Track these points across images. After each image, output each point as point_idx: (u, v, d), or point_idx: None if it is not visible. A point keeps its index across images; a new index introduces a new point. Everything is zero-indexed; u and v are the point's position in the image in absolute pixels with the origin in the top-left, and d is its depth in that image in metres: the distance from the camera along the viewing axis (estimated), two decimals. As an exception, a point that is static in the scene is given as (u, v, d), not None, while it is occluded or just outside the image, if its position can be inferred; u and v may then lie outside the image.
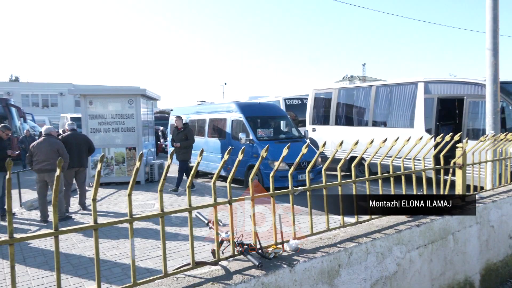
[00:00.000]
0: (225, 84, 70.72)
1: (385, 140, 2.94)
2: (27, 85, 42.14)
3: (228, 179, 2.32)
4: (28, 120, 20.53)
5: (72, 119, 15.80)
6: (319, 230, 2.75)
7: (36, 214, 6.76)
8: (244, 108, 10.05)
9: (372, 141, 2.80)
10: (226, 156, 2.25)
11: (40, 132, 18.11)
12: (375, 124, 10.38)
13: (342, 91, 11.59)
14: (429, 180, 3.52)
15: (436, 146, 3.59)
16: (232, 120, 9.95)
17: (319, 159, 9.93)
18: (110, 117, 9.94)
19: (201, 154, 2.16)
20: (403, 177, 3.19)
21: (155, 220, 6.29)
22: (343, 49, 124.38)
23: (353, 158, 9.31)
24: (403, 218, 3.04)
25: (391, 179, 3.10)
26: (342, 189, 2.84)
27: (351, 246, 2.52)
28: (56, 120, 28.66)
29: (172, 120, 13.77)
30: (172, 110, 14.52)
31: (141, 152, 2.12)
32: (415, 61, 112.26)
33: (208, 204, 2.26)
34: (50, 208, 6.90)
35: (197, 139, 10.79)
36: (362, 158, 3.37)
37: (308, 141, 10.04)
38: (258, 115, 10.07)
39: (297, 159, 2.52)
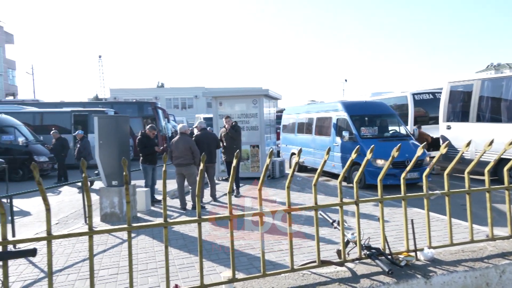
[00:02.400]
0: (346, 81, 68.50)
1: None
2: (169, 90, 48.86)
3: (339, 178, 2.25)
4: (171, 121, 23.78)
5: (205, 119, 17.59)
6: (459, 241, 2.43)
7: (177, 202, 7.75)
8: (349, 106, 10.40)
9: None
10: (326, 156, 2.19)
11: (176, 130, 20.49)
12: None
13: (487, 82, 10.00)
14: None
15: None
16: (337, 119, 10.40)
17: (427, 159, 9.61)
18: (237, 116, 10.72)
19: (299, 154, 2.16)
20: None
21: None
22: (484, 34, 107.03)
23: (503, 160, 7.98)
24: None
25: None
26: (491, 196, 2.44)
27: (504, 263, 2.15)
28: (191, 120, 32.47)
29: (283, 119, 14.28)
30: (284, 109, 14.89)
31: (271, 149, 2.22)
32: None
33: (334, 203, 2.23)
34: (188, 198, 7.85)
35: (304, 136, 12.15)
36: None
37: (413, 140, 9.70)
38: (363, 113, 10.26)
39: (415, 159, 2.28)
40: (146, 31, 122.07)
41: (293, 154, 13.17)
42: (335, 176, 11.04)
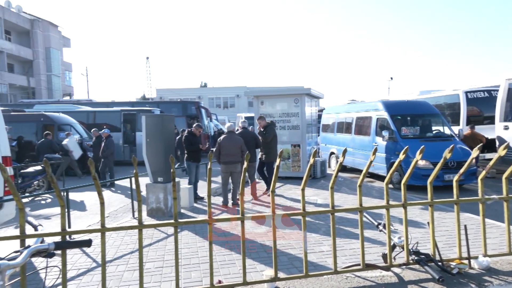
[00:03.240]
0: (391, 79, 65.74)
1: None
2: (212, 89, 49.91)
3: (386, 180, 2.16)
4: (213, 120, 24.29)
5: (246, 118, 17.77)
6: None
7: (218, 200, 7.89)
8: (390, 106, 10.20)
9: None
10: (372, 157, 2.11)
11: (219, 129, 20.92)
12: None
13: (550, 79, 9.19)
14: None
15: None
16: (377, 118, 10.24)
17: (474, 161, 8.93)
18: (278, 115, 10.73)
19: (343, 155, 2.09)
20: None
21: (317, 216, 6.44)
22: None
23: None
24: None
25: None
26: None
27: None
28: (233, 119, 32.94)
29: (323, 118, 14.08)
30: (324, 109, 14.68)
31: (315, 149, 2.20)
32: None
33: (380, 205, 2.15)
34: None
35: (344, 136, 12.11)
36: None
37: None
38: (404, 113, 10.04)
39: (469, 161, 2.13)
40: (190, 33, 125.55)
41: (332, 153, 12.97)
42: (373, 176, 10.80)
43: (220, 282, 1.97)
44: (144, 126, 7.08)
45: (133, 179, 6.96)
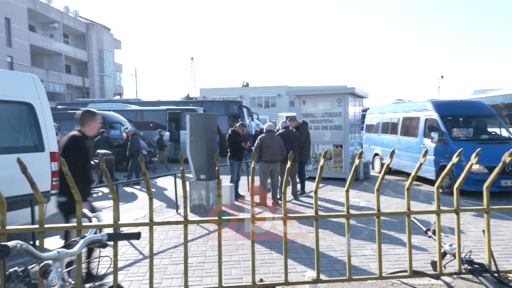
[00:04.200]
0: (442, 77, 62.11)
1: None
2: (254, 89, 50.28)
3: (437, 184, 2.04)
4: (254, 119, 24.46)
5: (287, 117, 17.69)
6: None
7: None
8: (440, 106, 9.69)
9: None
10: (422, 159, 1.99)
11: (261, 129, 20.96)
12: None
13: None
14: None
15: None
16: (426, 119, 9.77)
17: None
18: (320, 115, 10.58)
19: (391, 156, 1.99)
20: None
21: (359, 219, 6.27)
22: None
23: None
24: None
25: None
26: None
27: None
28: (274, 118, 32.97)
29: (367, 119, 13.63)
30: (368, 108, 14.21)
31: (360, 150, 2.14)
32: None
33: (429, 210, 2.05)
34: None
35: (389, 137, 11.68)
36: None
37: None
38: (456, 113, 9.49)
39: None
40: (233, 34, 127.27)
41: (376, 155, 12.56)
42: (420, 179, 10.33)
43: (261, 280, 1.98)
44: (188, 124, 7.29)
45: (178, 175, 7.14)
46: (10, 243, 1.36)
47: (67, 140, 3.68)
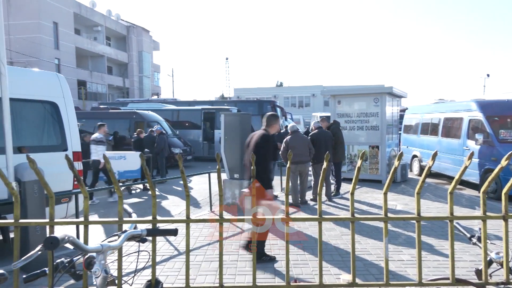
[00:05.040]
0: (488, 76, 58.50)
1: None
2: (288, 88, 50.10)
3: (483, 188, 1.92)
4: (288, 119, 24.35)
5: (321, 117, 17.46)
6: None
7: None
8: (485, 106, 9.21)
9: None
10: (467, 162, 1.87)
11: (286, 127, 20.83)
12: None
13: None
14: None
15: None
16: (470, 120, 9.34)
17: None
18: (356, 115, 10.35)
19: (433, 158, 1.89)
20: None
21: (396, 222, 6.07)
22: None
23: None
24: None
25: None
26: None
27: None
28: (308, 118, 32.68)
29: (405, 119, 13.12)
30: (407, 109, 13.70)
31: (400, 151, 2.06)
32: None
33: (475, 215, 1.94)
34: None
35: (429, 138, 11.28)
36: None
37: None
38: (503, 114, 8.96)
39: None
40: (267, 34, 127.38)
41: (414, 156, 12.09)
42: (462, 183, 9.85)
43: (296, 281, 1.96)
44: (222, 124, 7.39)
45: (211, 174, 7.26)
46: (59, 235, 1.45)
47: (260, 137, 4.41)
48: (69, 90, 5.61)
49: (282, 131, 16.57)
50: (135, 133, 12.25)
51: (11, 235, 5.07)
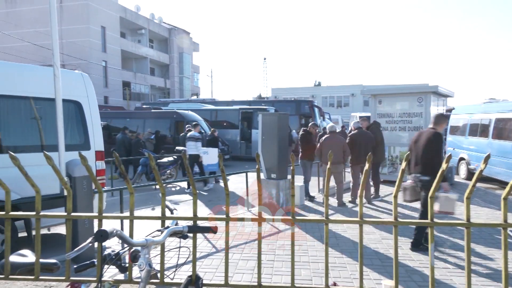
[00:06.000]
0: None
1: None
2: (326, 88, 49.36)
3: None
4: (326, 119, 23.98)
5: (360, 117, 17.02)
6: None
7: (331, 200, 7.77)
8: None
9: None
10: None
11: (324, 129, 20.56)
12: None
13: None
14: None
15: None
16: None
17: None
18: (398, 115, 9.99)
19: (485, 161, 1.76)
20: None
21: (441, 228, 5.79)
22: None
23: None
24: None
25: None
26: None
27: None
28: (346, 119, 31.97)
29: (452, 120, 12.42)
30: (453, 109, 12.96)
31: (449, 154, 1.97)
32: None
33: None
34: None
35: (478, 140, 10.71)
36: None
37: None
38: None
39: None
40: (305, 33, 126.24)
41: (461, 159, 11.44)
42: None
43: (335, 284, 1.93)
44: (260, 124, 7.41)
45: (249, 174, 7.31)
46: (108, 229, 1.52)
47: (432, 135, 4.79)
48: (94, 89, 5.57)
49: (319, 132, 16.35)
50: (186, 129, 12.38)
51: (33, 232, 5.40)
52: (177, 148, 12.17)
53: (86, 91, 5.39)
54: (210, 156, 10.22)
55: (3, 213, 2.65)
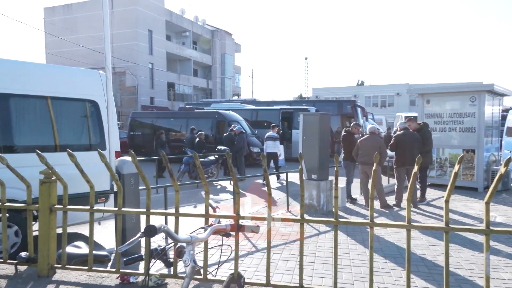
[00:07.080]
0: None
1: None
2: (369, 88, 47.91)
3: None
4: (369, 119, 23.28)
5: (406, 118, 16.32)
6: None
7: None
8: None
9: None
10: None
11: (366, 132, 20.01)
12: None
13: None
14: None
15: None
16: None
17: None
18: (447, 116, 9.46)
19: (506, 165, 1.59)
20: None
21: (496, 236, 5.40)
22: None
23: None
24: None
25: None
26: None
27: None
28: (391, 119, 30.79)
29: (508, 120, 11.53)
30: (510, 108, 12.03)
31: (508, 157, 1.83)
32: None
33: None
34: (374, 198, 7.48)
35: None
36: None
37: None
38: None
39: None
40: (348, 32, 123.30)
41: None
42: None
43: (379, 290, 1.87)
44: (301, 124, 7.35)
45: (289, 174, 7.28)
46: (157, 225, 1.59)
47: None
48: (112, 88, 5.41)
49: (363, 133, 15.89)
50: (229, 129, 12.70)
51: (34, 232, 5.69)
52: (218, 147, 12.40)
53: (103, 90, 5.26)
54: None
55: (61, 206, 2.86)
